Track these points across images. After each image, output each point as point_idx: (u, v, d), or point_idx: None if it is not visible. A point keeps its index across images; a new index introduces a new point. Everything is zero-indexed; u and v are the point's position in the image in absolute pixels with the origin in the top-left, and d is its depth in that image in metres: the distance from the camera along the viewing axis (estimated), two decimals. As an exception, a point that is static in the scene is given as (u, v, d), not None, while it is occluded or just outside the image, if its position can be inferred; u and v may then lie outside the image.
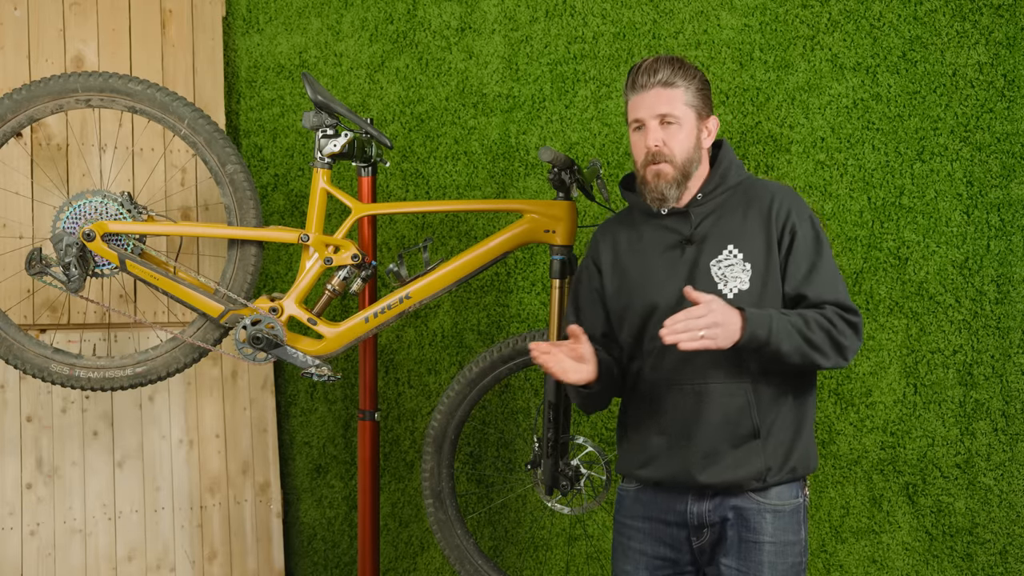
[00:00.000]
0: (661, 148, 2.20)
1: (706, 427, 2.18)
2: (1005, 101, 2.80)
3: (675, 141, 2.21)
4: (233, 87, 3.84)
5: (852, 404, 3.00)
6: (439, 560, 3.61)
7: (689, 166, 2.23)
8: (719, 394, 2.18)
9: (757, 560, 2.19)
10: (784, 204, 2.22)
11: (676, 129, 2.21)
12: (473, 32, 3.49)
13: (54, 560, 3.34)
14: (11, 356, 2.91)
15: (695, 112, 2.23)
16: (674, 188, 2.22)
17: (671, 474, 2.22)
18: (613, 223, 2.39)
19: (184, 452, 3.58)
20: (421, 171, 3.58)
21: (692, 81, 2.22)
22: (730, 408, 2.18)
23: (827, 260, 2.21)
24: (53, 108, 2.86)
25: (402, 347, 3.64)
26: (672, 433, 2.22)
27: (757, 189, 2.27)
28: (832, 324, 2.13)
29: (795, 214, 2.21)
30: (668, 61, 2.22)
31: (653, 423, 2.25)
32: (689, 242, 2.23)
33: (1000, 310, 2.82)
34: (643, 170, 2.24)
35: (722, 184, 2.27)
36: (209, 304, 2.84)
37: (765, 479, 2.18)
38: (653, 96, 2.21)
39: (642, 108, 2.22)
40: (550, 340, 2.73)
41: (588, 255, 2.40)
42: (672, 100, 2.20)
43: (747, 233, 2.21)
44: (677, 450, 2.21)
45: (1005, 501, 2.82)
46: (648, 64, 2.22)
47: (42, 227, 3.39)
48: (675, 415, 2.22)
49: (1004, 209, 2.81)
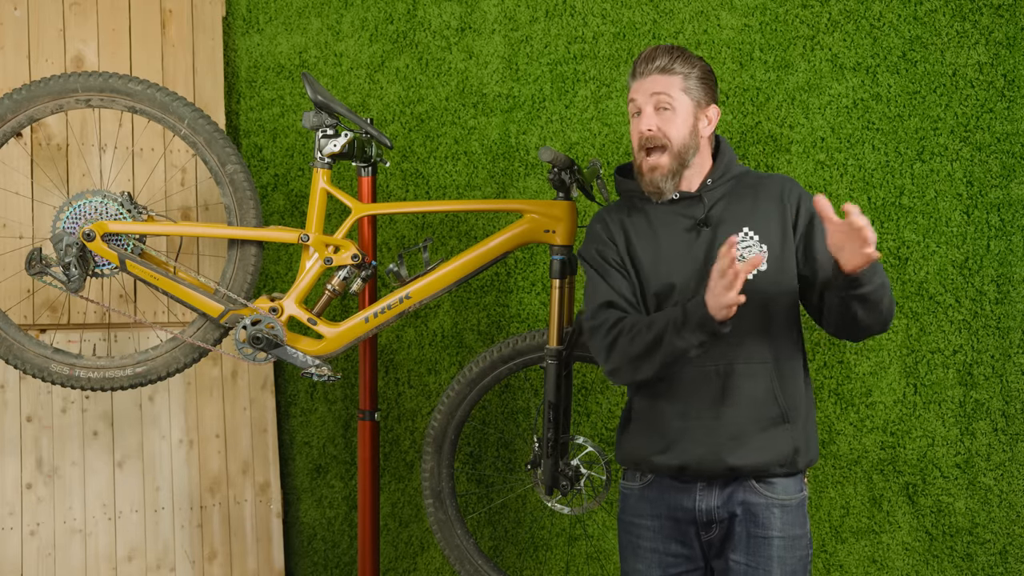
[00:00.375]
0: (655, 132, 2.21)
1: (733, 409, 2.17)
2: (1005, 101, 2.80)
3: (670, 126, 2.22)
4: (233, 87, 3.84)
5: (852, 404, 3.00)
6: (439, 560, 3.61)
7: (685, 153, 2.24)
8: (743, 375, 2.18)
9: (766, 555, 2.19)
10: (794, 190, 2.26)
11: (671, 115, 2.22)
12: (473, 32, 3.49)
13: (54, 560, 3.34)
14: (11, 356, 2.91)
15: (692, 100, 2.24)
16: (669, 180, 2.24)
17: (696, 458, 2.19)
18: (614, 208, 2.37)
19: (184, 452, 3.58)
20: (421, 171, 3.58)
21: (692, 69, 2.24)
22: (756, 390, 2.17)
23: None
24: (53, 108, 2.86)
25: (402, 347, 3.64)
26: (695, 416, 2.19)
27: (761, 179, 2.30)
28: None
29: (805, 199, 2.25)
30: (667, 49, 2.25)
31: (673, 406, 2.22)
32: (704, 224, 2.24)
33: (1000, 310, 2.82)
34: (639, 158, 2.25)
35: (727, 172, 2.29)
36: (209, 304, 2.84)
37: (794, 462, 2.18)
38: (650, 82, 2.23)
39: (639, 92, 2.25)
40: (550, 340, 2.73)
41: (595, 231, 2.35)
42: (669, 85, 2.22)
43: (761, 217, 2.23)
44: (702, 433, 2.19)
45: (1005, 501, 2.83)
46: (648, 52, 2.26)
47: (42, 227, 3.39)
48: (698, 398, 2.20)
49: (1004, 209, 2.81)
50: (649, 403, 2.26)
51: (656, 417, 2.25)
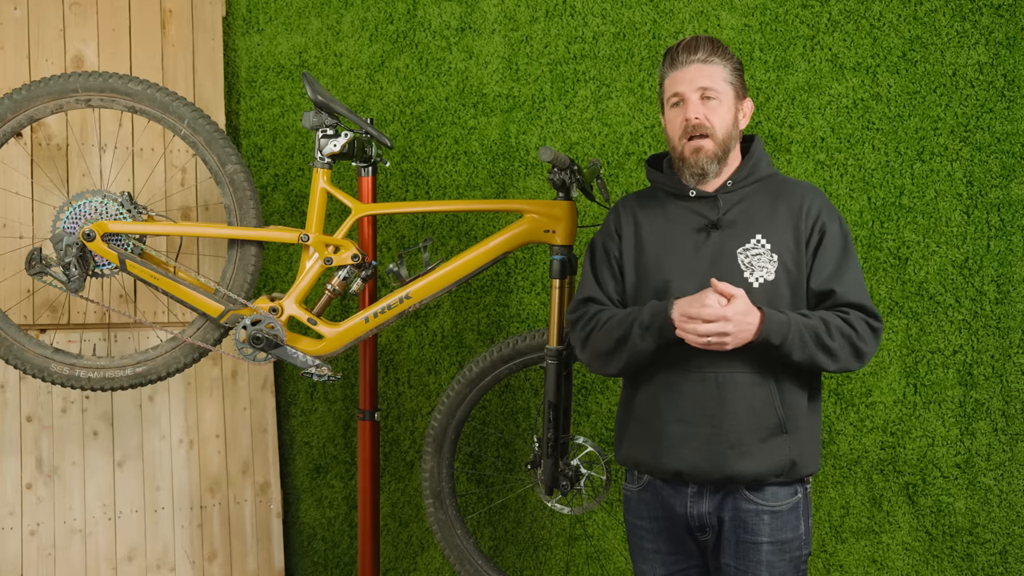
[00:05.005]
0: (703, 120, 2.21)
1: (732, 417, 2.16)
2: (1005, 101, 2.80)
3: (716, 116, 2.22)
4: (233, 87, 3.84)
5: (852, 404, 3.00)
6: (439, 560, 3.61)
7: (728, 142, 2.24)
8: (744, 384, 2.17)
9: (755, 560, 2.19)
10: (815, 203, 2.23)
11: (716, 104, 2.22)
12: (473, 32, 3.49)
13: (54, 560, 3.34)
14: (11, 356, 2.91)
15: (733, 90, 2.25)
16: (715, 163, 2.23)
17: (693, 465, 2.19)
18: (634, 198, 2.38)
19: (184, 452, 3.58)
20: (421, 171, 3.58)
21: (729, 60, 2.25)
22: (755, 399, 2.16)
23: (854, 263, 2.22)
24: (53, 108, 2.86)
25: (402, 347, 3.64)
26: (693, 422, 2.19)
27: (787, 185, 2.28)
28: (855, 330, 2.14)
29: (825, 214, 2.22)
30: (707, 40, 2.25)
31: (670, 410, 2.21)
32: (715, 227, 2.22)
33: (1000, 310, 2.82)
34: (681, 146, 2.24)
35: (752, 175, 2.27)
36: (209, 304, 2.84)
37: (791, 472, 2.18)
38: (694, 71, 2.23)
39: (682, 82, 2.23)
40: (550, 340, 2.74)
41: (607, 222, 2.38)
42: (713, 75, 2.23)
43: (776, 225, 2.21)
44: (700, 440, 2.18)
45: (1005, 501, 2.83)
46: (688, 42, 2.25)
47: (42, 227, 3.39)
48: (696, 403, 2.18)
49: (1004, 209, 2.81)
50: (649, 406, 2.26)
51: (655, 421, 2.24)
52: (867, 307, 2.18)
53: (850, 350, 2.14)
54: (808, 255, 2.20)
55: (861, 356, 2.16)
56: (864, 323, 2.16)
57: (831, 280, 2.18)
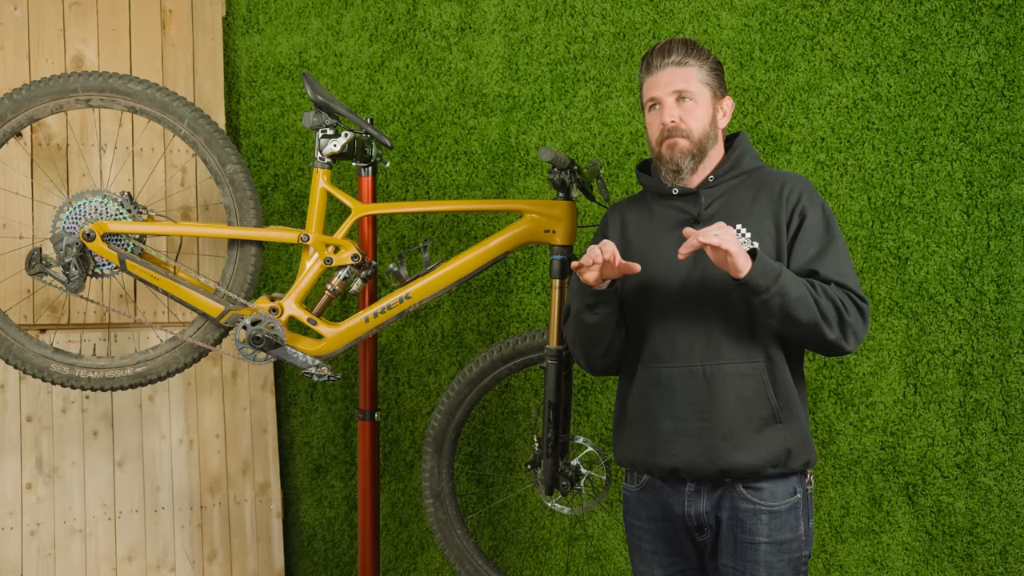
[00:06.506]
0: (678, 123, 2.22)
1: (723, 410, 2.16)
2: (1005, 101, 2.80)
3: (691, 117, 2.23)
4: (233, 87, 3.84)
5: (852, 404, 3.00)
6: (439, 560, 3.61)
7: (705, 142, 2.25)
8: (733, 375, 2.16)
9: (753, 560, 2.19)
10: (796, 189, 2.23)
11: (692, 106, 2.23)
12: (473, 32, 3.49)
13: (54, 560, 3.34)
14: (11, 356, 2.91)
15: (710, 90, 2.25)
16: (689, 159, 2.24)
17: (687, 460, 2.19)
18: (625, 202, 2.42)
19: (184, 452, 3.58)
20: (421, 171, 3.58)
21: (705, 61, 2.25)
22: (746, 389, 2.16)
23: (839, 248, 2.20)
24: (53, 108, 2.86)
25: (402, 347, 3.64)
26: (684, 417, 2.19)
27: (770, 176, 2.28)
28: (840, 301, 2.12)
29: (806, 199, 2.22)
30: (681, 42, 2.26)
31: (661, 407, 2.21)
32: (697, 221, 2.24)
33: (1000, 310, 2.82)
34: (658, 147, 2.26)
35: (735, 169, 2.27)
36: (209, 304, 2.84)
37: (786, 463, 2.17)
38: (669, 74, 2.24)
39: (658, 86, 2.25)
40: (550, 340, 2.74)
41: (599, 227, 2.43)
42: (687, 78, 2.23)
43: (756, 215, 2.22)
44: (692, 435, 2.18)
45: (1005, 501, 2.83)
46: (662, 45, 2.26)
47: (42, 227, 3.39)
48: (686, 398, 2.19)
49: (1004, 209, 2.81)
50: (641, 404, 2.26)
51: (648, 418, 2.24)
52: (851, 287, 2.15)
53: (836, 317, 2.11)
54: (788, 239, 2.20)
55: (846, 328, 2.12)
56: (848, 297, 2.14)
57: (813, 262, 2.17)
